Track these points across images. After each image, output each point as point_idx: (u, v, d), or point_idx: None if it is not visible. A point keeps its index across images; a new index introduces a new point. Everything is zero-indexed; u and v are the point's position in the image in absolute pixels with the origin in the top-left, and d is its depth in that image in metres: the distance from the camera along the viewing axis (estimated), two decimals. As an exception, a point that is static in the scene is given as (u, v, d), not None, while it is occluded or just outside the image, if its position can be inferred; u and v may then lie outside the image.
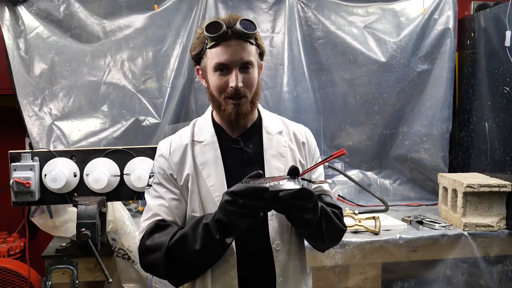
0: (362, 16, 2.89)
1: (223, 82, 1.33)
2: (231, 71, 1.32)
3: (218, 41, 1.31)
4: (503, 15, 2.46)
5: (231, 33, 1.31)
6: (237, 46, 1.31)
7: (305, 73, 2.83)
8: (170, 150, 1.41)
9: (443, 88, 2.89)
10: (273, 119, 1.51)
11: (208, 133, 1.42)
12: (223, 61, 1.31)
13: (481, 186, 2.34)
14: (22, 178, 1.99)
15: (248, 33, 1.31)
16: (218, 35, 1.30)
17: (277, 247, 1.36)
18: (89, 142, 2.55)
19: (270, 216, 1.36)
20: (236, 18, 1.32)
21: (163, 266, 1.28)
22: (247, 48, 1.33)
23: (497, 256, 2.38)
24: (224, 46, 1.31)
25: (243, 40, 1.32)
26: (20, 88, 2.50)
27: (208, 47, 1.33)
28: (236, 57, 1.31)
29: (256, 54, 1.37)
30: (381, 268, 2.29)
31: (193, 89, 2.72)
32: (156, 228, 1.33)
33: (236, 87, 1.31)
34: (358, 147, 2.98)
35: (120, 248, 2.08)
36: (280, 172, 1.39)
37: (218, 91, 1.35)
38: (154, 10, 2.66)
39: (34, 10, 2.53)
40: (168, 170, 1.39)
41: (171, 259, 1.27)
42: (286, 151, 1.43)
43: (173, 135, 1.48)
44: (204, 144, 1.40)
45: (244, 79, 1.33)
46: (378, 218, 2.34)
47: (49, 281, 2.05)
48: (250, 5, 2.76)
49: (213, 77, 1.35)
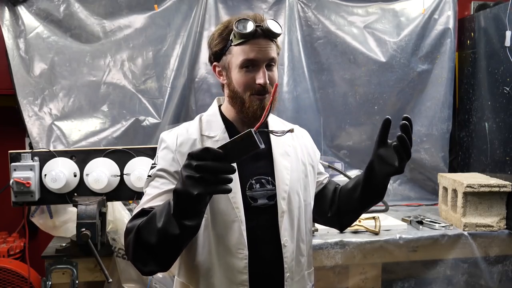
0: (362, 16, 2.89)
1: (250, 78, 1.34)
2: (258, 68, 1.33)
3: (247, 38, 1.32)
4: (503, 15, 2.46)
5: (260, 31, 1.33)
6: (264, 44, 1.33)
7: (305, 73, 2.83)
8: (177, 142, 1.38)
9: (443, 88, 2.88)
10: (276, 120, 1.54)
11: (218, 129, 1.41)
12: (251, 57, 1.32)
13: (481, 186, 2.34)
14: (22, 178, 1.99)
15: (276, 32, 1.34)
16: (249, 32, 1.31)
17: (286, 243, 1.38)
18: (89, 142, 2.55)
19: (280, 214, 1.38)
20: (261, 18, 1.35)
21: (131, 247, 1.21)
22: (272, 46, 1.36)
23: (497, 256, 2.38)
24: (252, 43, 1.32)
25: (269, 39, 1.35)
26: (20, 88, 2.50)
27: (235, 44, 1.34)
28: (264, 54, 1.33)
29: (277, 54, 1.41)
30: (381, 268, 2.29)
31: (193, 89, 2.72)
32: (140, 213, 1.28)
33: (265, 84, 1.33)
34: (358, 147, 2.98)
35: (120, 248, 2.08)
36: (287, 170, 1.41)
37: (244, 87, 1.35)
38: (154, 10, 2.66)
39: (34, 10, 2.52)
40: (172, 163, 1.35)
41: (139, 238, 1.20)
42: (290, 150, 1.46)
43: (176, 128, 1.44)
44: (215, 140, 1.39)
45: (269, 76, 1.35)
46: (378, 218, 2.34)
47: (49, 281, 2.05)
48: (250, 5, 2.76)
49: (238, 74, 1.35)
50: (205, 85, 2.71)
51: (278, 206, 1.38)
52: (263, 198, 1.38)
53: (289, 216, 1.40)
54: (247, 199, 1.37)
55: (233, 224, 1.34)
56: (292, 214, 1.41)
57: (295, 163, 1.45)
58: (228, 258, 1.33)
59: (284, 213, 1.38)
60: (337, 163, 2.89)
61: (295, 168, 1.44)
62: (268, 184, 1.40)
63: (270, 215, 1.38)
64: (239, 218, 1.34)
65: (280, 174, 1.40)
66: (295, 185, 1.43)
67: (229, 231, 1.34)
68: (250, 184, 1.38)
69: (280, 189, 1.39)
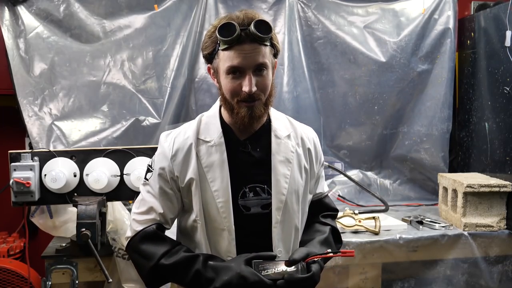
0: (362, 16, 2.89)
1: (236, 85, 1.28)
2: (244, 75, 1.27)
3: (231, 44, 1.25)
4: (503, 15, 2.45)
5: (245, 35, 1.24)
6: (251, 49, 1.25)
7: (305, 73, 2.83)
8: (173, 149, 1.36)
9: (443, 88, 2.88)
10: (282, 120, 1.47)
11: (215, 133, 1.37)
12: (236, 64, 1.25)
13: (481, 186, 2.34)
14: (22, 178, 1.99)
15: (262, 36, 1.25)
16: (232, 38, 1.23)
17: (279, 253, 1.35)
18: (89, 142, 2.55)
19: (274, 224, 1.35)
20: (251, 18, 1.26)
21: (146, 274, 1.32)
22: (261, 50, 1.27)
23: (497, 256, 2.38)
24: (237, 49, 1.25)
25: (258, 43, 1.26)
26: (20, 88, 2.50)
27: (221, 49, 1.27)
28: (250, 60, 1.25)
29: (271, 55, 1.32)
30: (381, 268, 2.29)
31: (193, 89, 2.72)
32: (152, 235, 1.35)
33: (250, 92, 1.26)
34: (358, 147, 2.98)
35: (120, 248, 2.08)
36: (286, 178, 1.37)
37: (231, 94, 1.30)
38: (154, 10, 2.66)
39: (34, 10, 2.52)
40: (168, 172, 1.37)
41: (156, 273, 1.30)
42: (293, 156, 1.40)
43: (176, 130, 1.43)
44: (210, 145, 1.36)
45: (258, 82, 1.28)
46: (378, 218, 2.34)
47: (49, 281, 2.05)
48: (250, 5, 2.76)
49: (225, 80, 1.29)
50: (205, 85, 2.71)
51: (273, 215, 1.35)
52: (256, 207, 1.35)
53: (284, 226, 1.37)
54: (239, 207, 1.34)
55: (222, 232, 1.34)
56: (289, 223, 1.38)
57: (297, 171, 1.40)
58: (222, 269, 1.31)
59: (278, 224, 1.35)
60: (337, 163, 2.90)
61: (295, 177, 1.39)
62: (263, 193, 1.36)
63: (264, 224, 1.35)
64: (227, 228, 1.32)
65: (277, 183, 1.36)
66: (294, 194, 1.39)
67: (220, 238, 1.34)
68: (243, 192, 1.35)
69: (276, 199, 1.35)
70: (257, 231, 1.36)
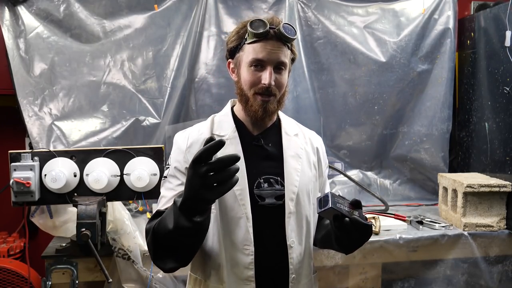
0: (362, 16, 2.89)
1: (256, 77, 1.37)
2: (265, 68, 1.36)
3: (259, 38, 1.35)
4: (503, 15, 2.46)
5: (272, 33, 1.36)
6: (275, 47, 1.36)
7: (305, 73, 2.83)
8: (187, 143, 1.43)
9: (443, 88, 2.88)
10: (290, 121, 1.56)
11: (229, 128, 1.45)
12: (260, 57, 1.36)
13: (481, 186, 2.34)
14: (22, 178, 1.99)
15: (288, 36, 1.36)
16: (261, 32, 1.34)
17: (292, 244, 1.39)
18: (89, 142, 2.55)
19: (287, 214, 1.39)
20: (278, 21, 1.38)
21: (151, 248, 1.29)
22: (284, 50, 1.38)
23: (497, 256, 2.38)
24: (264, 44, 1.36)
25: (282, 42, 1.37)
26: (20, 88, 2.50)
27: (248, 42, 1.37)
28: (273, 56, 1.36)
29: (289, 58, 1.42)
30: (381, 268, 2.30)
31: (193, 89, 2.72)
32: (156, 214, 1.35)
33: (269, 85, 1.35)
34: (358, 147, 2.98)
35: (120, 248, 2.08)
36: (298, 172, 1.43)
37: (249, 85, 1.38)
38: (154, 10, 2.66)
39: (34, 10, 2.52)
40: (184, 163, 1.41)
41: (155, 239, 1.27)
42: (302, 152, 1.47)
43: (190, 128, 1.50)
44: (225, 139, 1.39)
45: (276, 79, 1.37)
46: (378, 218, 2.35)
47: (49, 281, 2.05)
48: (250, 5, 2.76)
49: (246, 71, 1.38)
50: (205, 85, 2.71)
51: (286, 206, 1.40)
52: (271, 198, 1.40)
53: (296, 217, 1.41)
54: (255, 197, 1.39)
55: (239, 220, 1.36)
56: (301, 215, 1.42)
57: (306, 166, 1.47)
58: (235, 254, 1.36)
59: (291, 214, 1.40)
60: (337, 163, 2.90)
61: (305, 171, 1.46)
62: (277, 184, 1.41)
63: (278, 215, 1.40)
64: (245, 215, 1.36)
65: (290, 175, 1.42)
66: (305, 187, 1.44)
67: (236, 227, 1.36)
68: (258, 182, 1.40)
69: (289, 190, 1.41)
70: (270, 221, 1.40)
